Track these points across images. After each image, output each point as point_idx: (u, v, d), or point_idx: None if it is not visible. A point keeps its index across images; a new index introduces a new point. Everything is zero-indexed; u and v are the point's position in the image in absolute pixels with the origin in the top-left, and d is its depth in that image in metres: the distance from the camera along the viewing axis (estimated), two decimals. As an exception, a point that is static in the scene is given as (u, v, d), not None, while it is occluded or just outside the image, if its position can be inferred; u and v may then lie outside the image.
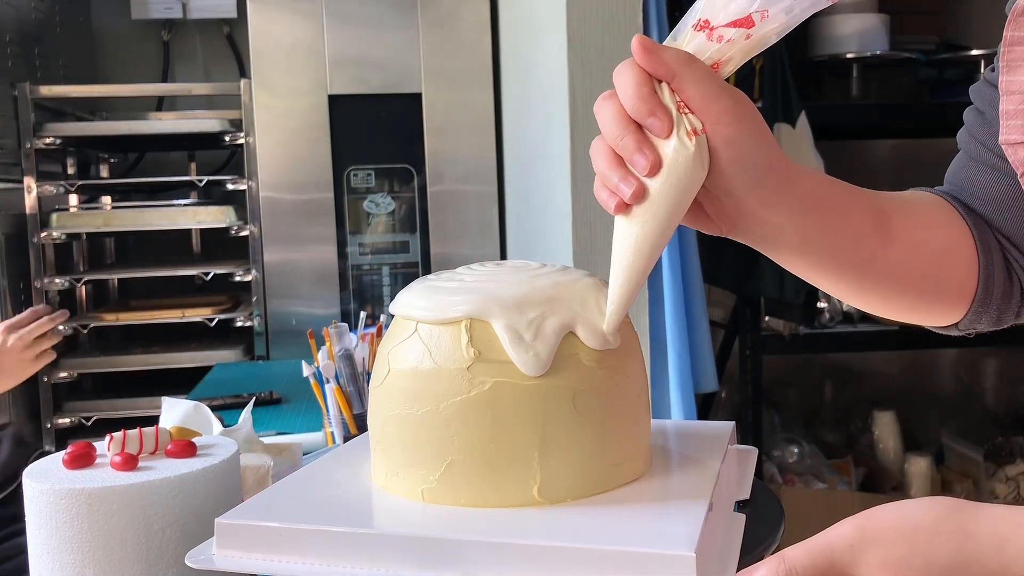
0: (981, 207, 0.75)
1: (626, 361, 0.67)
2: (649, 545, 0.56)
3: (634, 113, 0.59)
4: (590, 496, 0.64)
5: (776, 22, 0.58)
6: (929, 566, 0.48)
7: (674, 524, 0.59)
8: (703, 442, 0.76)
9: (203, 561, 0.62)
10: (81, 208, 2.66)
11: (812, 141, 2.23)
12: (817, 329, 2.49)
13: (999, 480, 2.59)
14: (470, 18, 2.48)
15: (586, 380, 0.64)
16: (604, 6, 1.62)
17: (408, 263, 2.52)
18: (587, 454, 0.64)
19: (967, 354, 3.07)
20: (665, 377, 1.88)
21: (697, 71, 0.58)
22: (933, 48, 2.70)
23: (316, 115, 2.45)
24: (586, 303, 0.66)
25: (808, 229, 0.65)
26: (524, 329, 0.63)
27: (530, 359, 0.62)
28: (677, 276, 1.90)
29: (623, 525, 0.60)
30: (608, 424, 0.65)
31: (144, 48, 2.91)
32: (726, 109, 0.59)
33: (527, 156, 2.14)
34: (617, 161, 0.60)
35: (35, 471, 0.77)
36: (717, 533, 0.62)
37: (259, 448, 1.04)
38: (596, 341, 0.65)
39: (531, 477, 0.63)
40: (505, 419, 0.63)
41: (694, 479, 0.67)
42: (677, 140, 0.58)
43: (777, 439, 2.68)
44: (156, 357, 2.47)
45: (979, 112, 0.76)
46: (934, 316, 0.76)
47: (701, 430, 0.82)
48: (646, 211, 0.60)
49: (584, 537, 0.58)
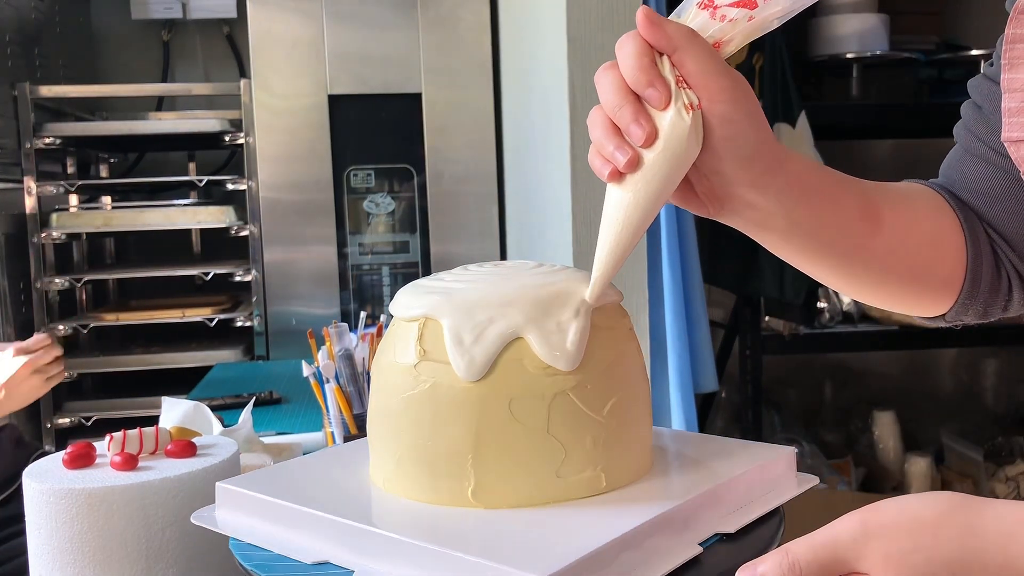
0: (973, 200, 0.75)
1: (589, 376, 0.64)
2: (503, 563, 0.54)
3: (633, 83, 0.60)
4: (534, 506, 0.62)
5: (779, 5, 0.59)
6: (932, 561, 0.48)
7: (554, 549, 0.56)
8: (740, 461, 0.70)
9: (207, 520, 0.66)
10: (81, 208, 2.66)
11: (812, 141, 2.23)
12: (817, 329, 2.49)
13: (999, 480, 2.59)
14: (470, 18, 2.48)
15: (527, 388, 0.62)
16: (604, 6, 1.62)
17: (408, 263, 2.52)
18: (523, 462, 0.62)
19: (967, 354, 3.08)
20: (665, 377, 1.88)
21: (698, 47, 0.59)
22: (933, 48, 2.70)
23: (316, 115, 2.45)
24: (549, 311, 0.64)
25: (796, 214, 0.65)
26: (467, 332, 0.63)
27: (464, 363, 0.62)
28: (677, 276, 1.90)
29: (510, 538, 0.58)
30: (552, 434, 0.63)
31: (144, 48, 2.91)
32: (724, 87, 0.60)
33: (527, 156, 2.14)
34: (614, 130, 0.61)
35: (35, 471, 0.77)
36: (618, 565, 0.57)
37: (259, 448, 1.04)
38: (545, 351, 0.63)
39: (465, 479, 0.63)
40: (442, 419, 0.63)
41: (654, 500, 0.63)
42: (674, 112, 0.59)
43: (777, 439, 2.68)
44: (156, 357, 2.47)
45: (976, 107, 0.76)
46: (921, 306, 0.76)
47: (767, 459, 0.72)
48: (638, 180, 0.60)
49: (461, 543, 0.56)
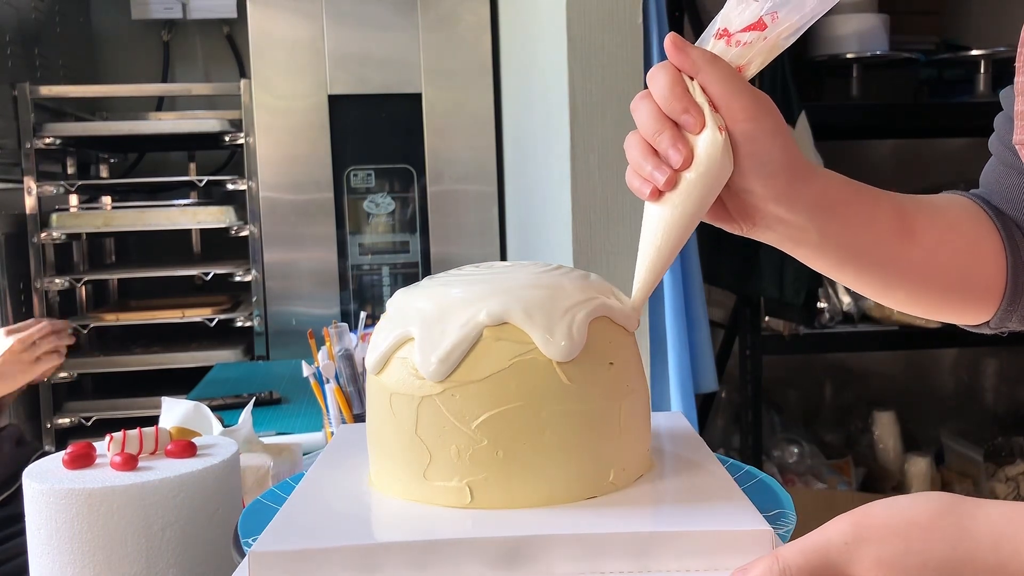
0: (1010, 209, 0.76)
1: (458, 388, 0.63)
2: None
3: (668, 110, 0.63)
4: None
5: (786, 22, 0.63)
6: (925, 564, 0.47)
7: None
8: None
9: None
10: (81, 208, 2.66)
11: (812, 141, 2.23)
12: (817, 329, 2.49)
13: (999, 480, 2.59)
14: (470, 18, 2.48)
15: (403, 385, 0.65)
16: (604, 6, 1.62)
17: (408, 263, 2.52)
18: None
19: (967, 354, 3.07)
20: (665, 377, 1.88)
21: (720, 70, 0.63)
22: (933, 48, 2.70)
23: (316, 115, 2.45)
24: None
25: (828, 228, 0.67)
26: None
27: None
28: (677, 276, 1.90)
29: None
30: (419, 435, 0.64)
31: (144, 48, 2.91)
32: (745, 106, 0.63)
33: (527, 156, 2.14)
34: (651, 151, 0.64)
35: (35, 471, 0.77)
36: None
37: (259, 448, 1.04)
38: (426, 366, 0.63)
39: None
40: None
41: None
42: (709, 132, 0.62)
43: (777, 439, 2.68)
44: (156, 357, 2.47)
45: (1008, 118, 0.76)
46: (963, 314, 0.77)
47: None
48: (676, 199, 0.64)
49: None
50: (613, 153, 1.64)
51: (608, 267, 1.65)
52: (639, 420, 0.68)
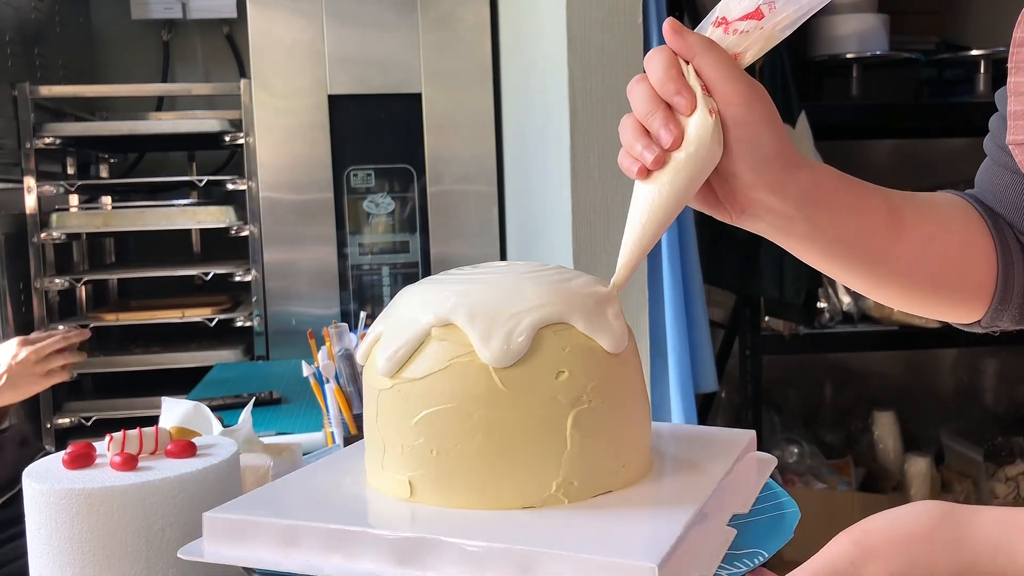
0: (1002, 209, 0.76)
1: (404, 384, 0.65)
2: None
3: (662, 92, 0.64)
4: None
5: (783, 13, 0.63)
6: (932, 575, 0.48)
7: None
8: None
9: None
10: (81, 208, 2.66)
11: (812, 141, 2.23)
12: (817, 329, 2.49)
13: (999, 480, 2.59)
14: (470, 18, 2.48)
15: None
16: (604, 6, 1.62)
17: (408, 263, 2.52)
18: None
19: (967, 354, 3.07)
20: (665, 377, 1.88)
21: (715, 54, 0.63)
22: (933, 48, 2.70)
23: (316, 115, 2.45)
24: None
25: (817, 218, 0.67)
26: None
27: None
28: (677, 276, 1.90)
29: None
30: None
31: (144, 48, 2.91)
32: (738, 91, 0.63)
33: (527, 156, 2.14)
34: (643, 132, 0.64)
35: (35, 471, 0.77)
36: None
37: (259, 448, 1.04)
38: (381, 362, 0.66)
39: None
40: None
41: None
42: (700, 115, 0.63)
43: (777, 439, 2.68)
44: (156, 357, 2.47)
45: (1002, 118, 0.77)
46: (954, 312, 0.77)
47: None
48: (664, 178, 0.64)
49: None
50: (613, 153, 1.63)
51: (608, 267, 1.65)
52: (604, 433, 0.64)
